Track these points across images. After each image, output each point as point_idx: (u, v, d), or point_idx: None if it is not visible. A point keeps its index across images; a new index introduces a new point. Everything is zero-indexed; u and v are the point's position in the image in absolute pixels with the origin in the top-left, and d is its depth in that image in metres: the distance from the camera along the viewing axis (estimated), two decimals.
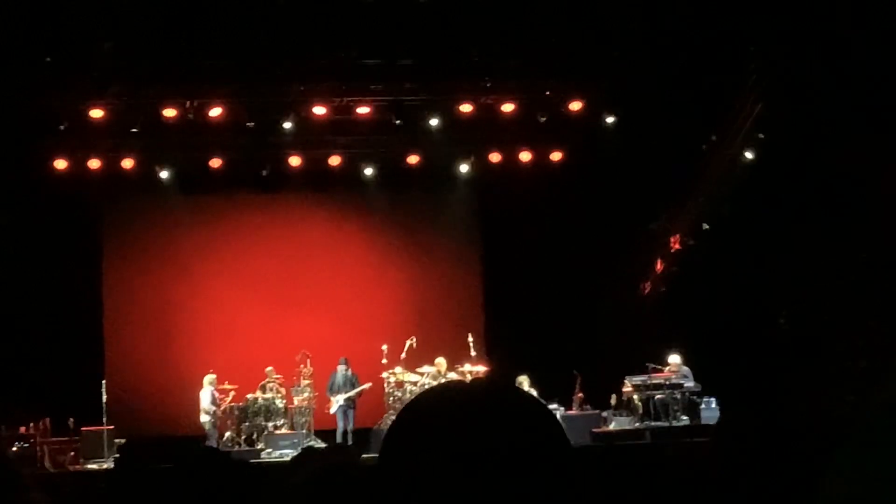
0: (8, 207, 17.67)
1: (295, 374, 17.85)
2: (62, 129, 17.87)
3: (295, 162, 19.52)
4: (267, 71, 17.62)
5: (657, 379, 17.35)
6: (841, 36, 14.90)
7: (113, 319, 19.93)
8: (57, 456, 16.12)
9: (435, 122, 18.81)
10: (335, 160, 19.68)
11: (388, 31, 16.57)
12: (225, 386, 17.99)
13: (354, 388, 17.98)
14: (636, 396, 17.56)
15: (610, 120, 18.82)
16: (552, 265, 19.44)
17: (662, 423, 16.87)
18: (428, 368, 17.65)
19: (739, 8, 16.01)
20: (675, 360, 17.64)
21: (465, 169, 20.07)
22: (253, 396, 17.77)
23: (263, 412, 17.67)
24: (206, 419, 17.73)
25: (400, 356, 17.80)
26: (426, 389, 1.86)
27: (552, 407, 15.76)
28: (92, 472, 15.59)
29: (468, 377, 16.93)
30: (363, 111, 18.75)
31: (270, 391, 17.87)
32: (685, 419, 17.06)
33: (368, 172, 19.81)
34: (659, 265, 19.97)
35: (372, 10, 15.99)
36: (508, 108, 18.83)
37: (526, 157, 19.81)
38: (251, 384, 17.99)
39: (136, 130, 18.45)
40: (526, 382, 16.63)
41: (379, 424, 17.39)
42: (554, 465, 1.44)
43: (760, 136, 17.33)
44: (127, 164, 19.05)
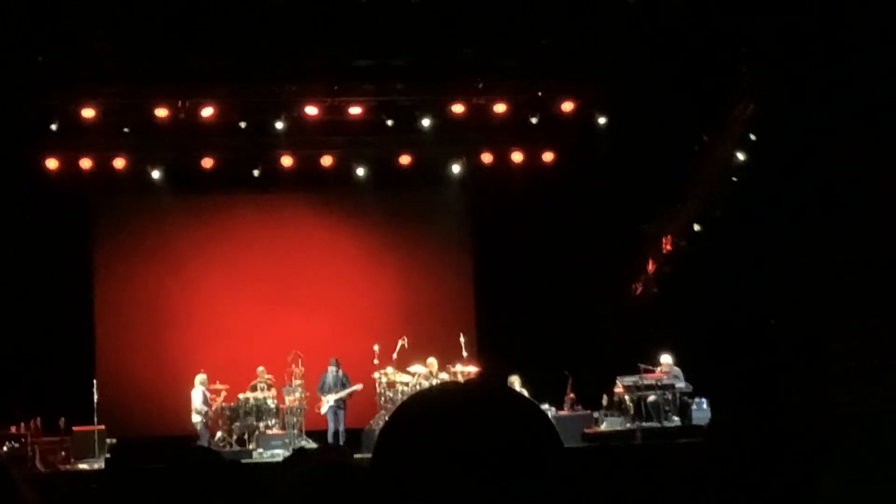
0: None
1: (286, 374, 17.83)
2: (54, 128, 17.84)
3: (287, 162, 19.52)
4: (259, 71, 17.60)
5: (648, 380, 17.35)
6: (833, 37, 14.93)
7: (104, 319, 19.89)
8: (48, 456, 16.05)
9: (427, 122, 18.81)
10: (327, 160, 19.67)
11: (380, 31, 16.54)
12: (216, 386, 17.96)
13: (345, 388, 17.96)
14: (627, 397, 17.55)
15: (602, 121, 18.83)
16: (544, 266, 19.44)
17: (654, 423, 16.86)
18: (419, 369, 17.64)
19: (732, 9, 16.03)
20: (666, 360, 17.65)
21: (457, 169, 20.05)
22: (244, 396, 17.74)
23: (255, 412, 17.64)
24: (197, 419, 17.70)
25: (391, 356, 17.78)
26: (420, 390, 1.86)
27: (543, 407, 15.74)
28: (83, 472, 15.52)
29: (460, 377, 16.98)
30: (355, 111, 18.75)
31: (261, 391, 17.85)
32: (676, 420, 17.08)
33: (360, 172, 19.79)
34: (650, 266, 19.98)
35: (364, 10, 15.97)
36: (500, 108, 18.83)
37: (518, 157, 19.82)
38: (242, 384, 17.96)
39: (127, 130, 18.43)
40: (517, 383, 16.62)
41: (371, 425, 17.39)
42: (547, 465, 1.44)
43: (752, 137, 17.35)
44: (119, 163, 19.02)
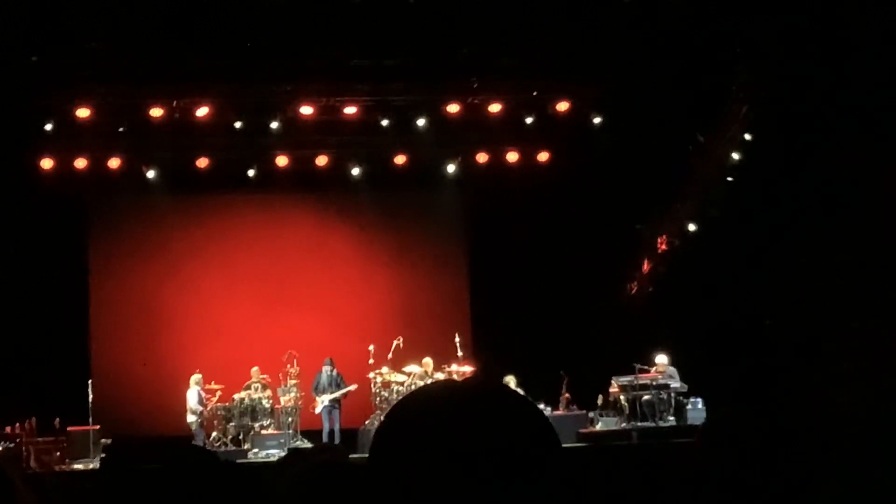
0: None
1: (281, 374, 17.82)
2: (49, 128, 17.82)
3: (282, 162, 19.50)
4: (254, 71, 17.58)
5: (644, 379, 17.35)
6: (829, 37, 14.95)
7: (99, 319, 19.86)
8: (42, 456, 16.02)
9: (422, 122, 18.81)
10: (322, 160, 19.65)
11: (375, 31, 16.54)
12: (211, 386, 17.96)
13: (339, 388, 17.93)
14: (623, 397, 17.55)
15: (597, 121, 18.84)
16: (539, 265, 19.44)
17: (649, 423, 16.87)
18: (415, 368, 17.63)
19: (727, 9, 16.04)
20: (661, 360, 17.65)
21: (452, 169, 20.03)
22: (239, 396, 17.73)
23: (250, 412, 17.63)
24: (192, 419, 17.69)
25: (387, 356, 17.77)
26: (416, 389, 1.86)
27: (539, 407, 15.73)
28: (78, 472, 15.49)
29: (455, 377, 16.98)
30: (350, 111, 18.75)
31: (256, 391, 17.84)
32: (672, 420, 17.08)
33: (355, 172, 19.77)
34: (646, 266, 19.99)
35: (359, 10, 15.96)
36: (496, 108, 18.84)
37: (513, 157, 19.81)
38: (238, 384, 17.95)
39: (122, 130, 18.40)
40: (513, 382, 16.61)
41: (366, 424, 17.37)
42: (544, 463, 1.45)
43: (747, 137, 17.37)
44: (114, 163, 19.00)
